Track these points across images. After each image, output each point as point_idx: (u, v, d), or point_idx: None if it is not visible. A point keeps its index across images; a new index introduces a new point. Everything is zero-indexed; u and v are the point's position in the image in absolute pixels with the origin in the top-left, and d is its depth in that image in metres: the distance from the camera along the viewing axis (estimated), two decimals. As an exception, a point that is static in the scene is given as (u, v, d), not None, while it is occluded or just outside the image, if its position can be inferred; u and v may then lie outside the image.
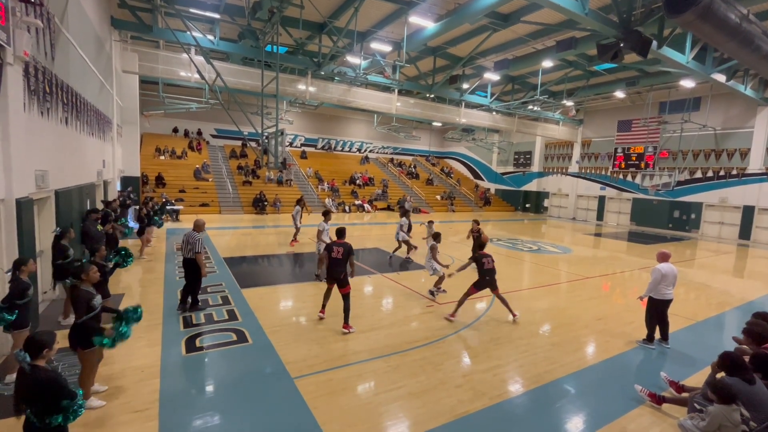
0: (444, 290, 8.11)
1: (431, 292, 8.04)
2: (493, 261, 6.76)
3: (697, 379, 4.89)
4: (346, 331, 5.97)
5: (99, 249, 5.67)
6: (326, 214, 9.13)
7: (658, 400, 4.36)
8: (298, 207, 12.83)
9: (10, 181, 4.87)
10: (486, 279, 6.64)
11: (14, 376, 4.14)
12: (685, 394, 4.39)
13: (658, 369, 5.25)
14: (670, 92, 21.08)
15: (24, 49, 5.01)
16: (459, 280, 7.81)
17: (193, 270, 6.50)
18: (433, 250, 7.87)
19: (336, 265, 6.06)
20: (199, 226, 6.69)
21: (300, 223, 12.86)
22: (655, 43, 11.30)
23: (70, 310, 5.41)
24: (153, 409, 3.91)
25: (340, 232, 6.38)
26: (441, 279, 7.94)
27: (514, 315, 6.82)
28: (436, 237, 8.15)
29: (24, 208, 5.11)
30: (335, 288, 6.19)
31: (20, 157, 5.08)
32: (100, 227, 7.90)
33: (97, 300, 4.02)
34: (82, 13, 9.01)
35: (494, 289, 6.81)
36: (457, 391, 4.50)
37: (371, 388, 4.51)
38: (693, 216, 21.70)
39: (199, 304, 6.71)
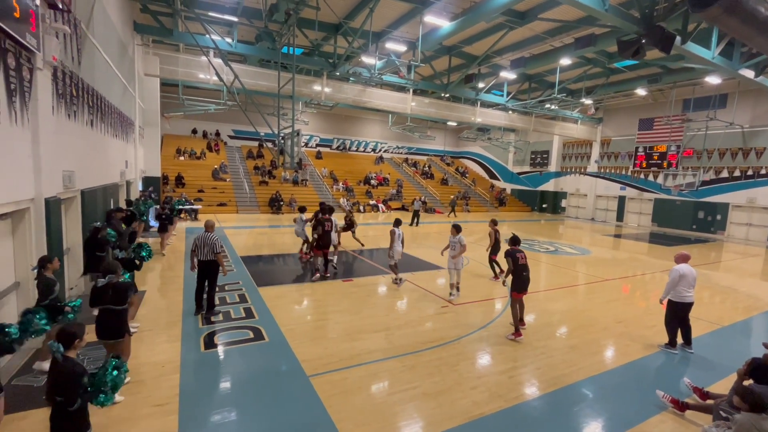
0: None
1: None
2: (525, 257, 6.24)
3: (723, 385, 4.73)
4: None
5: (127, 248, 5.89)
6: (302, 209, 10.76)
7: (681, 406, 4.23)
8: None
9: (39, 181, 5.08)
10: (524, 275, 6.08)
11: (43, 364, 4.33)
12: (709, 401, 4.25)
13: (681, 374, 5.10)
14: (695, 89, 20.40)
15: (53, 54, 5.21)
16: (467, 282, 7.73)
17: (211, 272, 6.39)
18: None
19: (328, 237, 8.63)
20: (210, 227, 6.53)
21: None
22: (678, 38, 10.96)
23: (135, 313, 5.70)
24: (173, 403, 4.01)
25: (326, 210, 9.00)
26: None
27: (517, 332, 6.09)
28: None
29: (52, 208, 5.32)
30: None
31: (49, 158, 5.29)
32: (123, 226, 8.14)
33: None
34: (106, 19, 9.31)
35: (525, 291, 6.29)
36: (473, 392, 4.47)
37: (386, 388, 4.51)
38: (718, 217, 20.95)
39: (216, 307, 6.61)
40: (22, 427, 3.52)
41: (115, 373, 2.82)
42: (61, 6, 5.15)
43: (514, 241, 6.38)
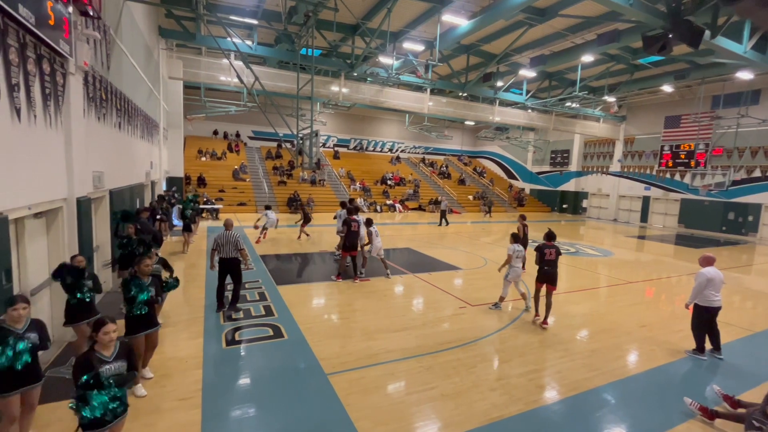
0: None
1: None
2: (555, 253, 6.54)
3: (756, 394, 4.53)
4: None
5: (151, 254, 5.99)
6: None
7: (710, 414, 4.07)
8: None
9: (72, 181, 5.30)
10: (544, 269, 6.48)
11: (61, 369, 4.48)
12: (741, 410, 4.08)
13: (709, 381, 4.92)
14: (725, 85, 19.58)
15: (84, 60, 5.43)
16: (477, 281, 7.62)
17: (234, 269, 6.51)
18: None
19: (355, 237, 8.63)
20: (229, 225, 6.68)
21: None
22: (707, 32, 10.55)
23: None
24: (196, 397, 4.13)
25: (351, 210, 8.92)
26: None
27: (544, 322, 6.50)
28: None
29: (83, 207, 5.54)
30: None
31: (80, 160, 5.51)
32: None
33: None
34: (133, 25, 9.63)
35: (553, 284, 6.57)
36: (492, 394, 4.42)
37: (403, 388, 4.52)
38: (750, 218, 20.05)
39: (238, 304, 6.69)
40: (52, 420, 3.68)
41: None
42: (91, 13, 5.36)
43: (548, 236, 6.76)
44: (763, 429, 3.19)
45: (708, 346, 5.73)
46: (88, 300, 4.41)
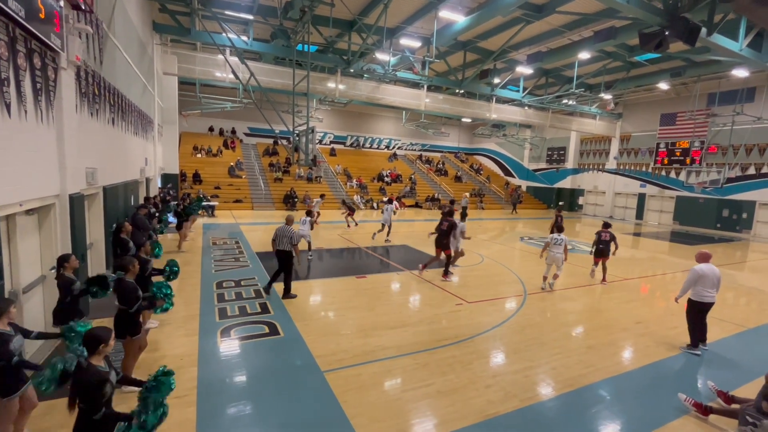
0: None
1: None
2: (609, 235, 9.18)
3: (749, 390, 4.56)
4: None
5: (144, 244, 5.93)
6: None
7: (704, 410, 4.10)
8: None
9: (64, 178, 5.24)
10: (600, 247, 9.20)
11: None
12: (735, 406, 4.11)
13: (704, 378, 4.95)
14: (720, 83, 19.68)
15: (76, 54, 5.35)
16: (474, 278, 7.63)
17: (287, 260, 7.15)
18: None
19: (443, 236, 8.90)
20: (290, 221, 7.35)
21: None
22: (704, 30, 10.55)
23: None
24: (191, 395, 4.10)
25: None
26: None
27: (604, 279, 9.30)
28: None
29: (76, 204, 5.48)
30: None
31: (73, 156, 5.44)
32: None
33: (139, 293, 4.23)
34: (127, 19, 9.51)
35: (606, 257, 9.26)
36: (487, 391, 4.43)
37: (399, 385, 4.52)
38: (744, 215, 20.20)
39: (292, 291, 7.29)
40: (47, 419, 3.64)
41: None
42: (83, 7, 5.28)
43: (605, 225, 9.42)
44: (757, 424, 3.21)
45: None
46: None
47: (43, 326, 4.99)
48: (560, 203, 28.44)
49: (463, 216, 19.73)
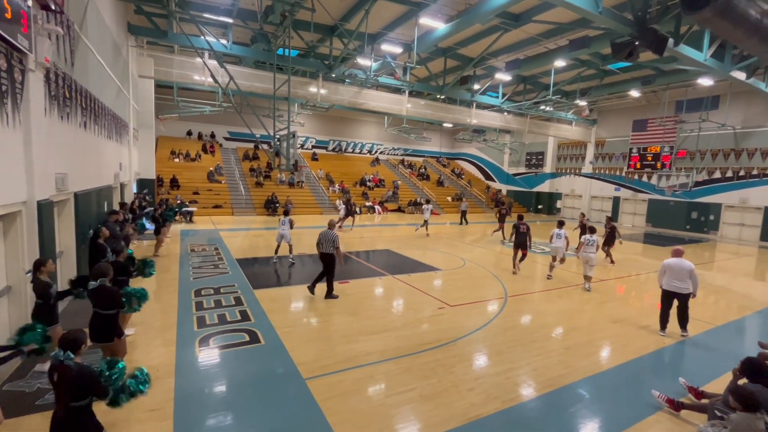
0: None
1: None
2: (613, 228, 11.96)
3: (718, 385, 4.76)
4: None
5: (122, 250, 5.78)
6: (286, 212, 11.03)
7: (676, 406, 4.25)
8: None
9: (31, 184, 5.02)
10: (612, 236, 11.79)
11: (45, 366, 4.29)
12: (704, 401, 4.27)
13: (676, 374, 5.13)
14: (687, 91, 20.60)
15: (45, 56, 5.16)
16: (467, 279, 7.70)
17: (330, 262, 7.51)
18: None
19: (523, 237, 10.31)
20: (331, 225, 7.77)
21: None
22: (671, 40, 11.05)
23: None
24: (168, 408, 3.97)
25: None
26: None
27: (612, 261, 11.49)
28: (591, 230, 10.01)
29: (44, 210, 5.26)
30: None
31: (41, 161, 5.23)
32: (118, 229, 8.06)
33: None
34: (100, 20, 9.24)
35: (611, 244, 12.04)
36: (470, 394, 4.47)
37: (382, 390, 4.50)
38: (711, 217, 21.15)
39: (333, 292, 7.69)
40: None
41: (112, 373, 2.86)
42: (53, 7, 5.10)
43: (609, 219, 12.13)
44: (725, 418, 3.35)
45: (678, 329, 6.46)
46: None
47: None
48: (502, 204, 28.30)
49: (462, 218, 21.20)
